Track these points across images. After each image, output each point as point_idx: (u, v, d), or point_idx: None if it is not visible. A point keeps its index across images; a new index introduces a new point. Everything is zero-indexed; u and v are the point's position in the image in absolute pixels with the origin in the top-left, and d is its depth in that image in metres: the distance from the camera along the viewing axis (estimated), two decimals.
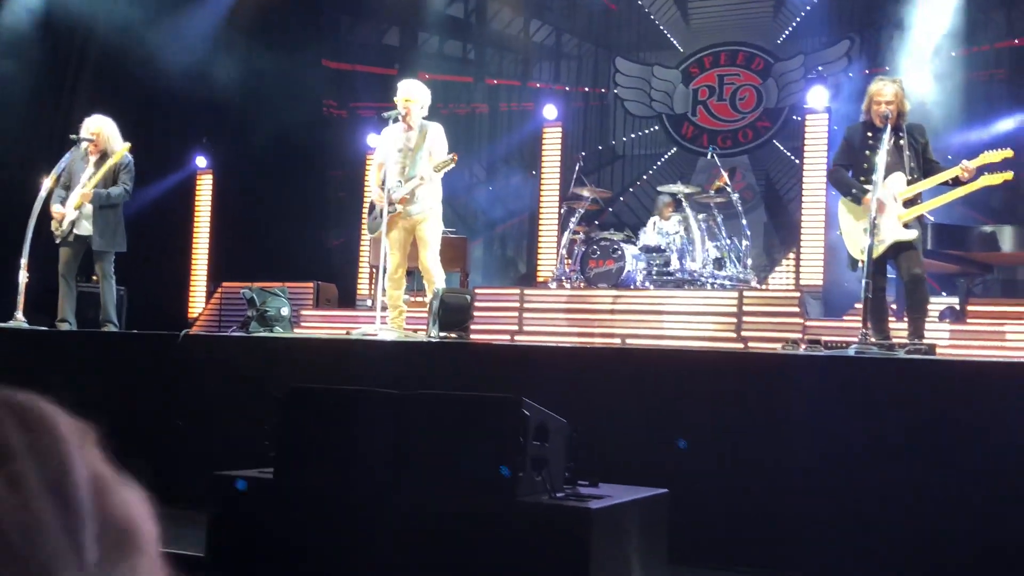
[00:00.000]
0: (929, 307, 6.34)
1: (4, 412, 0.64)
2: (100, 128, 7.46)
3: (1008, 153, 5.80)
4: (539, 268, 11.46)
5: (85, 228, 7.32)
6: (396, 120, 6.84)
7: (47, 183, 7.37)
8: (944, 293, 8.83)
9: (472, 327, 7.11)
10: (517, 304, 9.38)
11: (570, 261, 9.97)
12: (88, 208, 7.31)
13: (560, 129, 11.78)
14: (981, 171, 5.79)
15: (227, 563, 3.27)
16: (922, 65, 10.42)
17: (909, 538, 4.04)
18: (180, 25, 10.95)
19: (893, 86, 5.94)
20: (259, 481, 3.29)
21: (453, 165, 6.67)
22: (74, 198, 7.29)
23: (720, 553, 4.27)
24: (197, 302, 12.50)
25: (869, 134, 6.00)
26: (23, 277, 7.10)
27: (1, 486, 0.59)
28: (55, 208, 7.32)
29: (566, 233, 10.17)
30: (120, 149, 7.42)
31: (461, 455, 2.92)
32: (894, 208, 5.84)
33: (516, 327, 9.25)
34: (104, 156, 7.43)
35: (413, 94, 6.83)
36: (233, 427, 5.32)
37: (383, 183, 6.82)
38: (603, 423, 4.48)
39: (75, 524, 0.62)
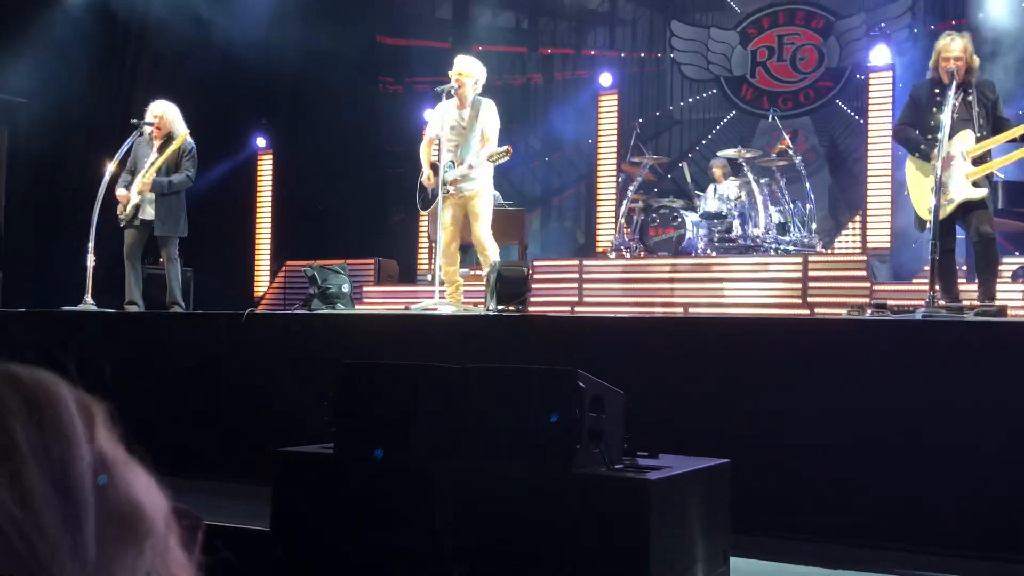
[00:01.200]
0: (1000, 267, 6.16)
1: (8, 391, 0.62)
2: (163, 112, 7.55)
3: None
4: (598, 238, 11.40)
5: (149, 212, 7.41)
6: (449, 95, 6.80)
7: (111, 168, 7.49)
8: (1017, 252, 8.59)
9: (532, 299, 7.09)
10: (576, 275, 9.34)
11: (629, 230, 9.89)
12: (151, 193, 7.41)
13: (616, 96, 11.66)
14: None
15: (292, 537, 3.32)
16: (992, 18, 10.06)
17: (977, 507, 3.94)
18: (236, 6, 11.04)
19: (961, 41, 5.74)
20: (321, 456, 3.33)
21: (507, 158, 6.63)
22: (138, 183, 7.41)
23: (786, 522, 4.22)
24: (262, 281, 12.69)
25: (936, 91, 5.82)
26: (90, 261, 7.26)
27: (2, 485, 0.58)
28: (120, 191, 7.45)
29: (624, 202, 10.09)
30: (182, 133, 7.51)
31: (517, 428, 2.91)
32: (963, 166, 5.66)
33: (576, 298, 9.21)
34: (168, 140, 7.51)
35: (467, 69, 6.77)
36: (297, 403, 5.39)
37: (435, 162, 6.83)
38: (666, 393, 4.43)
39: (76, 520, 0.60)
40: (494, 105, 6.84)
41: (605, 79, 11.65)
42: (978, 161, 5.69)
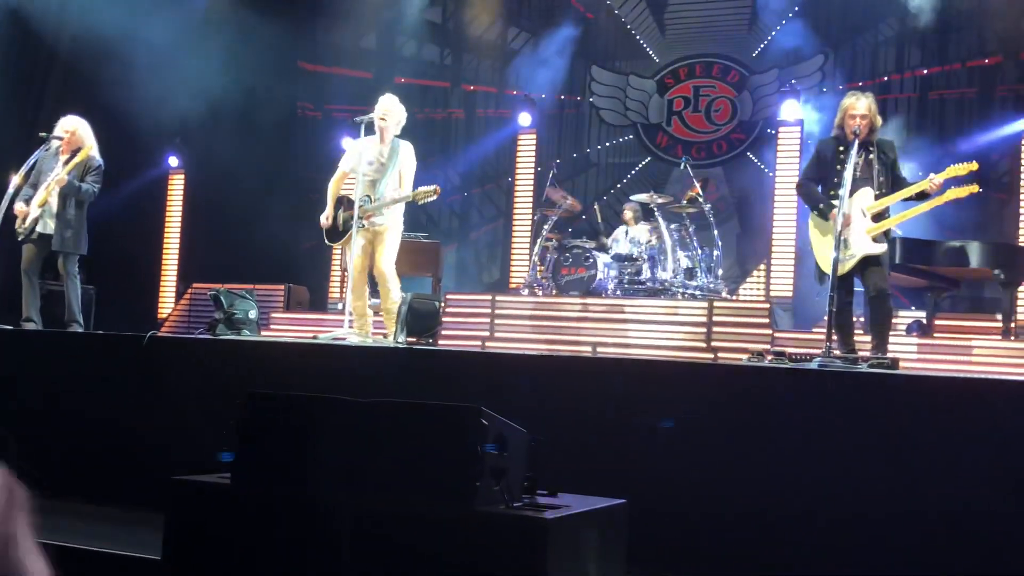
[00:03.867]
0: (893, 321, 6.40)
1: None
2: (75, 128, 7.40)
3: (973, 166, 5.85)
4: (512, 275, 11.48)
5: (49, 226, 7.23)
6: (370, 129, 6.88)
7: (15, 181, 7.29)
8: (912, 307, 8.91)
9: (444, 333, 7.11)
10: (489, 310, 9.38)
11: (542, 268, 9.98)
12: (53, 207, 7.22)
13: (535, 136, 11.82)
14: (948, 184, 5.84)
15: (183, 567, 3.25)
16: (895, 81, 10.52)
17: (865, 552, 4.06)
18: (154, 23, 10.87)
19: (866, 100, 5.97)
20: (217, 486, 3.27)
21: (434, 197, 6.75)
22: (40, 194, 7.21)
23: (681, 563, 4.28)
24: (167, 302, 12.42)
25: (840, 148, 6.03)
26: None
27: None
28: (19, 206, 7.24)
29: (539, 240, 10.20)
30: (88, 145, 7.34)
31: (419, 464, 2.91)
32: (863, 222, 5.87)
33: (487, 333, 9.25)
34: (75, 156, 7.35)
35: (392, 110, 6.91)
36: (197, 431, 5.28)
37: (348, 195, 6.91)
38: (571, 432, 4.47)
39: None
40: (412, 148, 6.98)
41: (525, 119, 11.79)
42: (877, 217, 5.91)
